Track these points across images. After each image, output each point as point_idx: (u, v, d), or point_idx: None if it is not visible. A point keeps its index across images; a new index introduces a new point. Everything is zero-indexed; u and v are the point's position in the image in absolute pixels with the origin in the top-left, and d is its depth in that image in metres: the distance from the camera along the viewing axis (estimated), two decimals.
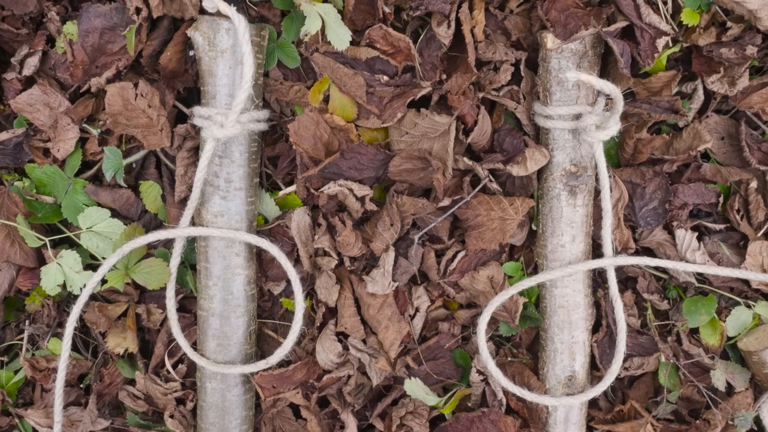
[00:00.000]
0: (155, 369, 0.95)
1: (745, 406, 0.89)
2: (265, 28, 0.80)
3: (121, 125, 0.83)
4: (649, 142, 0.84)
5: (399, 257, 0.87)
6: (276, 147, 0.89)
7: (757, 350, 0.86)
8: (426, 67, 0.82)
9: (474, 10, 0.80)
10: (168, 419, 0.92)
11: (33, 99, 0.85)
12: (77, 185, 0.87)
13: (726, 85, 0.81)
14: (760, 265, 0.86)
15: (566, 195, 0.82)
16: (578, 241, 0.84)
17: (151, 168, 0.90)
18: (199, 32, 0.77)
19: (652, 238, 0.88)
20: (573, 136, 0.81)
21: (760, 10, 0.74)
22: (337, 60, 0.80)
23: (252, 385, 0.91)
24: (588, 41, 0.77)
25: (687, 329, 0.91)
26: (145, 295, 0.93)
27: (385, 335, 0.89)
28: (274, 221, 0.88)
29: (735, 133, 0.87)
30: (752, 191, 0.86)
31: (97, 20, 0.80)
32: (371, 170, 0.84)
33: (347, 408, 0.92)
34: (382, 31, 0.79)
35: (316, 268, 0.89)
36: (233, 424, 0.89)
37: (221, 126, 0.77)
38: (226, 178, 0.81)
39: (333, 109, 0.84)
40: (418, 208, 0.83)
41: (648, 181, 0.86)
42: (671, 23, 0.79)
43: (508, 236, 0.84)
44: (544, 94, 0.80)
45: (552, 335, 0.87)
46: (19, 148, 0.87)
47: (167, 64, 0.81)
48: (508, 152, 0.84)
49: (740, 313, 0.88)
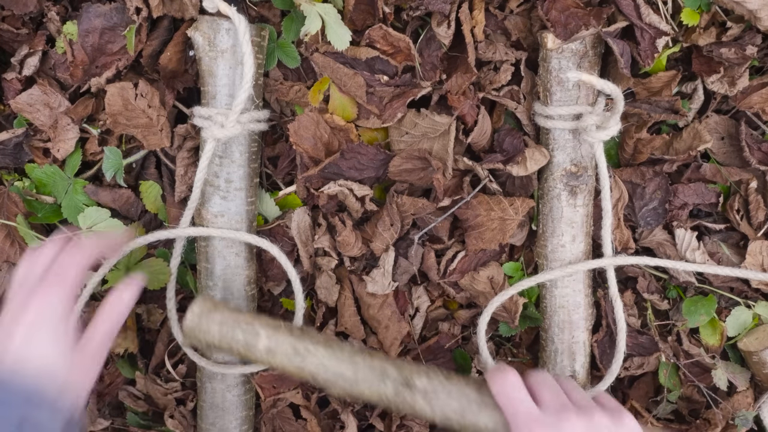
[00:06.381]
0: (155, 369, 0.96)
1: (746, 405, 0.89)
2: (265, 28, 0.80)
3: (121, 125, 0.83)
4: (649, 142, 0.84)
5: (399, 257, 0.87)
6: (276, 147, 0.89)
7: (757, 350, 0.86)
8: (426, 67, 0.82)
9: (474, 10, 0.80)
10: (168, 419, 0.92)
11: (33, 99, 0.85)
12: (77, 185, 0.87)
13: (726, 85, 0.81)
14: (760, 264, 0.86)
15: (566, 195, 0.82)
16: (578, 241, 0.84)
17: (151, 168, 0.90)
18: (199, 32, 0.77)
19: (652, 238, 0.88)
20: (573, 136, 0.81)
21: (760, 10, 0.74)
22: (337, 60, 0.80)
23: (252, 385, 0.91)
24: (588, 41, 0.77)
25: (687, 329, 0.91)
26: (146, 295, 0.93)
27: (385, 335, 0.89)
28: (274, 221, 0.88)
29: (735, 133, 0.87)
30: (752, 191, 0.86)
31: (97, 20, 0.80)
32: (371, 170, 0.84)
33: (347, 408, 0.92)
34: (382, 31, 0.79)
35: (316, 268, 0.89)
36: (233, 424, 0.89)
37: (221, 126, 0.77)
38: (226, 178, 0.81)
39: (333, 109, 0.84)
40: (418, 208, 0.83)
41: (648, 181, 0.86)
42: (671, 23, 0.79)
43: (508, 236, 0.84)
44: (545, 94, 0.80)
45: (552, 335, 0.87)
46: (19, 148, 0.87)
47: (167, 64, 0.81)
48: (508, 152, 0.84)
49: (740, 313, 0.88)
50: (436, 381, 0.69)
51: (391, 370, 0.70)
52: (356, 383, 0.70)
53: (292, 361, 0.71)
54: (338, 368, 0.70)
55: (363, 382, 0.70)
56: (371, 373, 0.70)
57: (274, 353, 0.72)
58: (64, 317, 0.66)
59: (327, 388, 0.72)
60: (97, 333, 0.69)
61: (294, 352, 0.71)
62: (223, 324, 0.73)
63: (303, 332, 0.73)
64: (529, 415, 0.63)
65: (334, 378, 0.70)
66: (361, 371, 0.70)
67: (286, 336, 0.72)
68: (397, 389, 0.69)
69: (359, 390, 0.70)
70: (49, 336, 0.64)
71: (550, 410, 0.64)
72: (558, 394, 0.67)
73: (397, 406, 0.70)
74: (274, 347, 0.71)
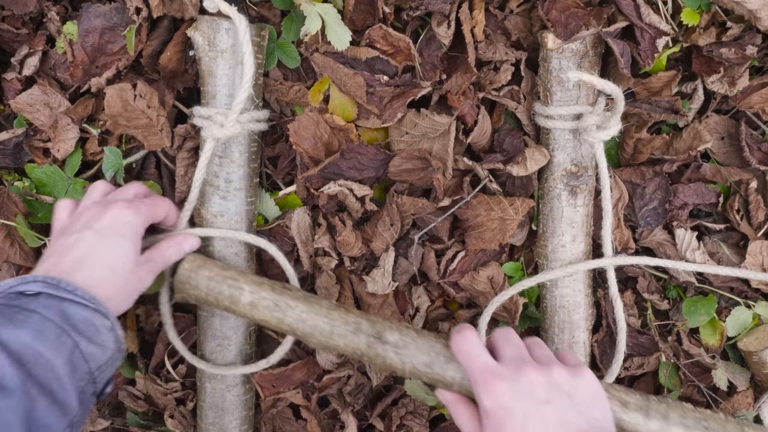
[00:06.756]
0: (155, 369, 0.96)
1: (746, 405, 0.89)
2: (265, 28, 0.80)
3: (121, 126, 0.83)
4: (649, 142, 0.84)
5: (399, 257, 0.87)
6: (276, 147, 0.89)
7: (757, 350, 0.86)
8: (426, 67, 0.82)
9: (474, 10, 0.79)
10: (168, 419, 0.92)
11: (33, 99, 0.85)
12: (77, 185, 0.87)
13: (726, 85, 0.81)
14: (760, 264, 0.86)
15: (567, 195, 0.82)
16: (579, 241, 0.84)
17: (151, 168, 0.90)
18: (199, 32, 0.77)
19: (652, 238, 0.88)
20: (573, 136, 0.81)
21: (760, 10, 0.74)
22: (337, 60, 0.80)
23: (252, 385, 0.91)
24: (589, 41, 0.77)
25: (687, 329, 0.91)
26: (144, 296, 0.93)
27: None
28: (274, 221, 0.88)
29: (735, 133, 0.87)
30: (752, 191, 0.86)
31: (97, 20, 0.80)
32: (371, 170, 0.84)
33: (347, 408, 0.92)
34: (382, 31, 0.79)
35: (316, 268, 0.89)
36: (233, 424, 0.89)
37: (221, 126, 0.77)
38: (225, 178, 0.81)
39: (333, 109, 0.84)
40: (418, 208, 0.83)
41: (648, 181, 0.86)
42: (671, 23, 0.79)
43: (508, 236, 0.84)
44: (545, 94, 0.80)
45: (552, 335, 0.87)
46: (19, 148, 0.87)
47: (167, 64, 0.81)
48: (508, 152, 0.84)
49: (740, 313, 0.88)
50: (407, 336, 0.73)
51: (365, 325, 0.74)
52: (331, 336, 0.74)
53: (273, 315, 0.75)
54: (315, 321, 0.74)
55: (338, 335, 0.74)
56: (346, 327, 0.74)
57: (256, 307, 0.76)
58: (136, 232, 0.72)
59: (305, 340, 0.76)
60: (160, 256, 0.76)
61: (275, 306, 0.75)
62: (211, 279, 0.77)
63: (284, 288, 0.77)
64: (486, 367, 0.65)
65: (311, 331, 0.74)
66: (337, 325, 0.74)
67: (268, 291, 0.76)
68: (370, 342, 0.73)
69: (335, 343, 0.74)
70: (120, 239, 0.70)
71: (508, 363, 0.66)
72: (518, 348, 0.68)
73: (370, 359, 0.74)
74: (257, 301, 0.76)
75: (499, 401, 0.62)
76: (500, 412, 0.62)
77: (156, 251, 0.77)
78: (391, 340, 0.73)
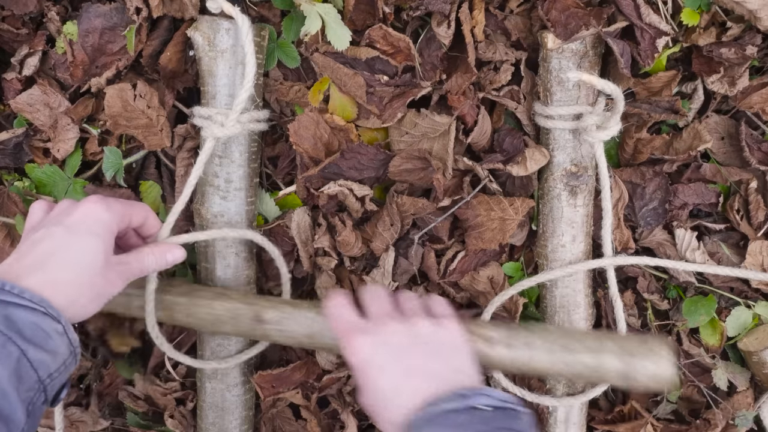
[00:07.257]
0: (155, 369, 0.96)
1: (746, 405, 0.89)
2: (265, 28, 0.80)
3: (121, 126, 0.83)
4: (649, 142, 0.84)
5: (399, 257, 0.87)
6: (276, 147, 0.89)
7: (757, 350, 0.86)
8: (426, 67, 0.82)
9: (474, 10, 0.79)
10: (168, 419, 0.92)
11: (33, 99, 0.85)
12: (77, 185, 0.87)
13: (726, 85, 0.81)
14: (760, 264, 0.86)
15: (567, 195, 0.82)
16: (579, 241, 0.84)
17: (151, 168, 0.90)
18: (199, 32, 0.77)
19: (652, 238, 0.88)
20: (573, 136, 0.81)
21: (760, 10, 0.74)
22: (337, 60, 0.80)
23: (252, 385, 0.91)
24: (588, 41, 0.77)
25: (687, 329, 0.91)
26: None
27: None
28: (274, 221, 0.88)
29: (735, 133, 0.87)
30: (752, 191, 0.86)
31: (97, 20, 0.80)
32: (371, 170, 0.84)
33: (347, 408, 0.92)
34: (382, 31, 0.79)
35: (316, 268, 0.89)
36: (233, 424, 0.89)
37: (221, 126, 0.77)
38: (225, 178, 0.81)
39: (333, 109, 0.84)
40: (418, 208, 0.83)
41: (648, 181, 0.86)
42: (671, 23, 0.79)
43: (508, 236, 0.84)
44: (545, 94, 0.80)
45: None
46: (19, 148, 0.87)
47: (167, 64, 0.81)
48: (508, 152, 0.84)
49: (740, 313, 0.88)
50: (284, 312, 0.77)
51: (243, 309, 0.77)
52: (217, 325, 0.78)
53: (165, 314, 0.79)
54: (200, 314, 0.78)
55: (222, 323, 0.78)
56: (228, 315, 0.78)
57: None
58: (108, 229, 0.68)
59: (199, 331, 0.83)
60: (137, 261, 0.72)
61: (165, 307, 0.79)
62: None
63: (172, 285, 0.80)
64: (349, 325, 0.67)
65: (199, 323, 0.79)
66: (219, 315, 0.78)
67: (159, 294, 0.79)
68: (251, 325, 0.77)
69: (223, 330, 0.79)
70: (90, 236, 0.66)
71: (372, 319, 0.68)
72: (384, 304, 0.70)
73: (257, 338, 0.79)
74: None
75: (360, 355, 0.65)
76: (362, 365, 0.64)
77: (134, 255, 0.72)
78: (269, 318, 0.76)
